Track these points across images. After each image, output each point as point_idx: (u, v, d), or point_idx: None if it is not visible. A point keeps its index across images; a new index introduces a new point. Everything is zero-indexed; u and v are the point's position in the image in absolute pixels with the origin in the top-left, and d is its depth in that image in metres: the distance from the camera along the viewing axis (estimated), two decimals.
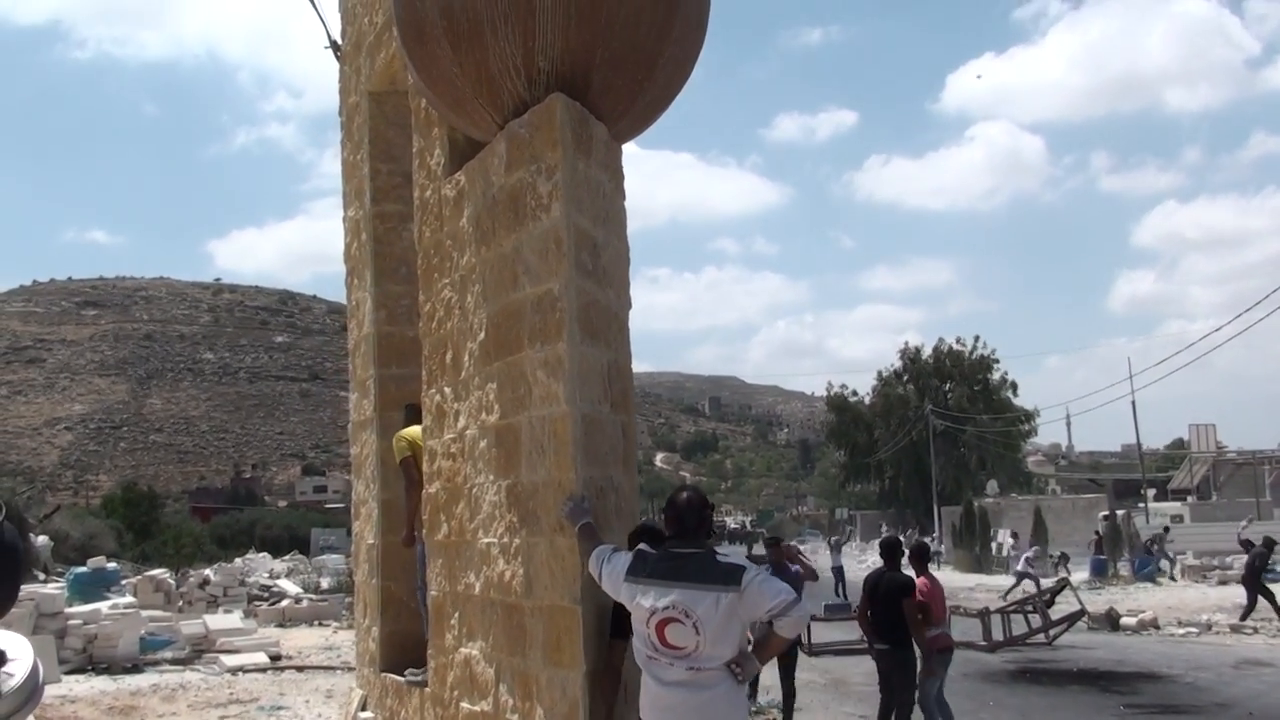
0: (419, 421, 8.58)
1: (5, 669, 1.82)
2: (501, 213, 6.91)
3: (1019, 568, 35.06)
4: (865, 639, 11.90)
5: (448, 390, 7.82)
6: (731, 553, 6.21)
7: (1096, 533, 46.32)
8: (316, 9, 12.20)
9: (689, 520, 5.68)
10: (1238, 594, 32.18)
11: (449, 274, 7.81)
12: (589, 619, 6.03)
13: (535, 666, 6.42)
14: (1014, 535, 52.45)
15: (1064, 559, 42.48)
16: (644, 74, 6.74)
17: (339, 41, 11.85)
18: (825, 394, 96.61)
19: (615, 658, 6.19)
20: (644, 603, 5.45)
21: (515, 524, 6.68)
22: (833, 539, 54.01)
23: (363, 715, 9.93)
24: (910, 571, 11.49)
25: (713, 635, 5.31)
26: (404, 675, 9.08)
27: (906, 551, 13.01)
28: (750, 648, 5.67)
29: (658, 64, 6.76)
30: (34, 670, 1.84)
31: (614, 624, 6.20)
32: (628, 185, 7.20)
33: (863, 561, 62.15)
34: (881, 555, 11.87)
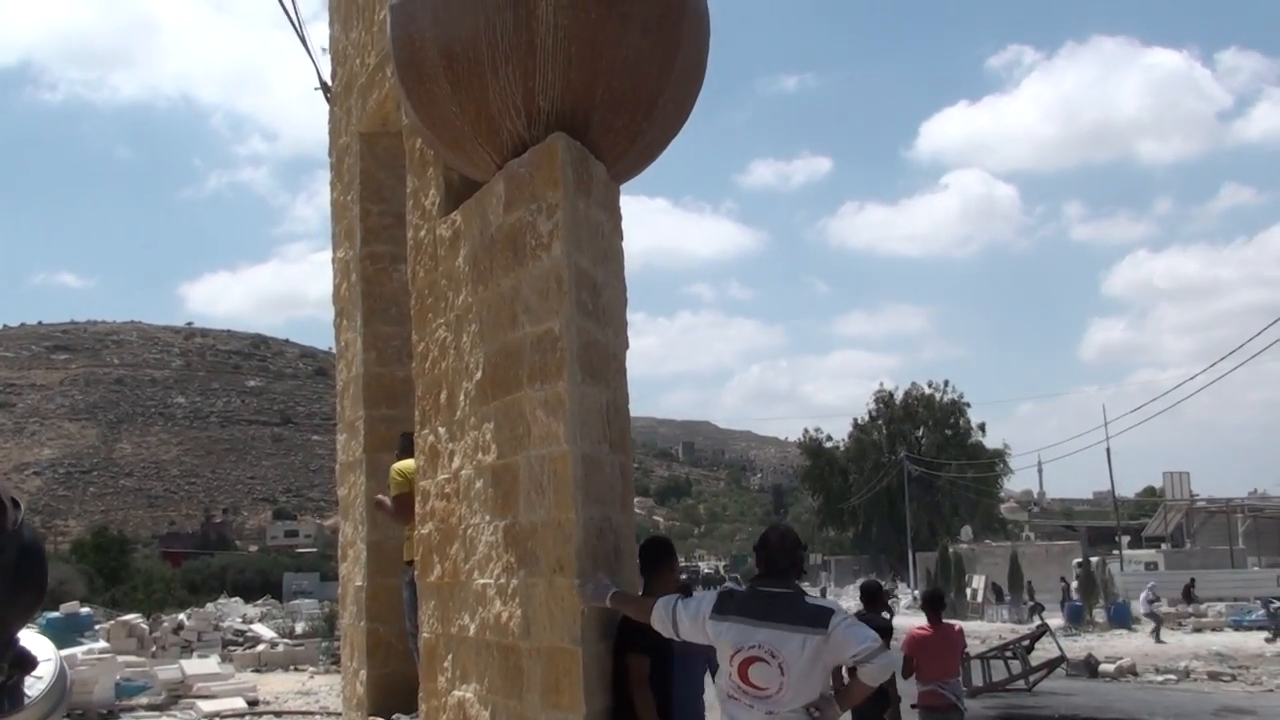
0: (413, 454, 8.51)
1: (35, 673, 1.80)
2: (500, 252, 6.90)
3: (1144, 609, 34.16)
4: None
5: (442, 430, 7.78)
6: (706, 596, 6.18)
7: (1064, 580, 46.46)
8: (308, 50, 12.22)
9: (781, 561, 5.70)
10: (1213, 641, 32.35)
11: (444, 314, 7.78)
12: (590, 661, 5.98)
13: (533, 709, 6.36)
14: (995, 586, 52.43)
15: (1039, 607, 42.53)
16: (643, 115, 6.77)
17: (329, 83, 11.87)
18: (799, 439, 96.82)
19: (636, 670, 6.15)
20: (729, 640, 5.44)
21: (513, 564, 6.63)
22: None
23: None
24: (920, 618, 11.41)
25: (796, 678, 5.32)
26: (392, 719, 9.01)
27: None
28: (833, 693, 5.64)
29: (657, 105, 6.79)
30: (61, 673, 1.82)
31: (628, 638, 6.17)
32: (623, 230, 7.21)
33: None
34: (861, 599, 11.83)
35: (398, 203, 9.35)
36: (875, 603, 11.60)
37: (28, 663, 1.76)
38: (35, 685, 1.73)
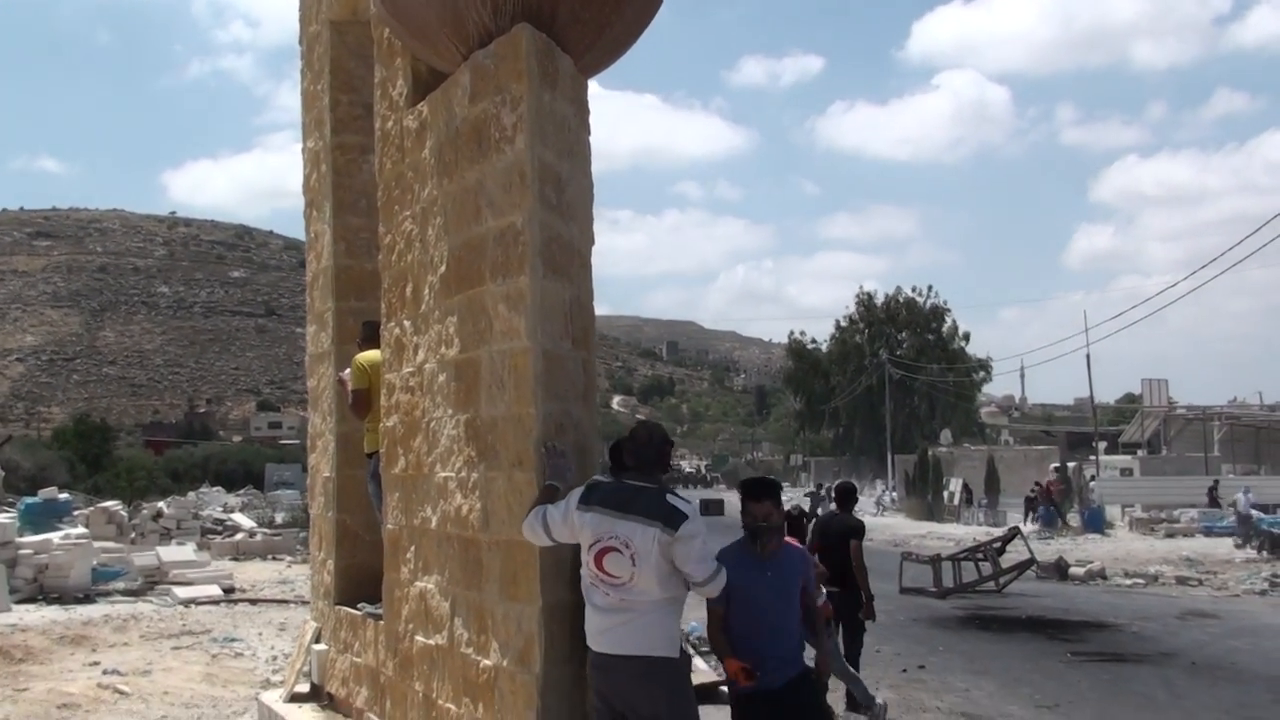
0: (378, 343, 8.49)
1: None
2: (464, 144, 6.82)
3: (1241, 509, 33.81)
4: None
5: (407, 324, 7.75)
6: (689, 496, 6.25)
7: (1036, 484, 46.83)
8: None
9: (647, 454, 5.83)
10: (1184, 546, 32.74)
11: (410, 206, 7.72)
12: (546, 554, 6.01)
13: (491, 600, 6.41)
14: (967, 487, 52.88)
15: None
16: (611, 6, 6.64)
17: None
18: (783, 341, 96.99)
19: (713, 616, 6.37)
20: (590, 530, 5.54)
21: (473, 458, 6.64)
22: (814, 493, 53.71)
23: (316, 648, 9.91)
24: None
25: (649, 569, 5.48)
26: (358, 608, 9.07)
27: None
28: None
29: None
30: None
31: None
32: (591, 125, 7.12)
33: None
34: (835, 498, 12.02)
35: (368, 93, 9.20)
36: (848, 503, 11.82)
37: None
38: None
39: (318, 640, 10.00)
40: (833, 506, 12.68)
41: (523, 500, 6.12)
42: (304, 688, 10.11)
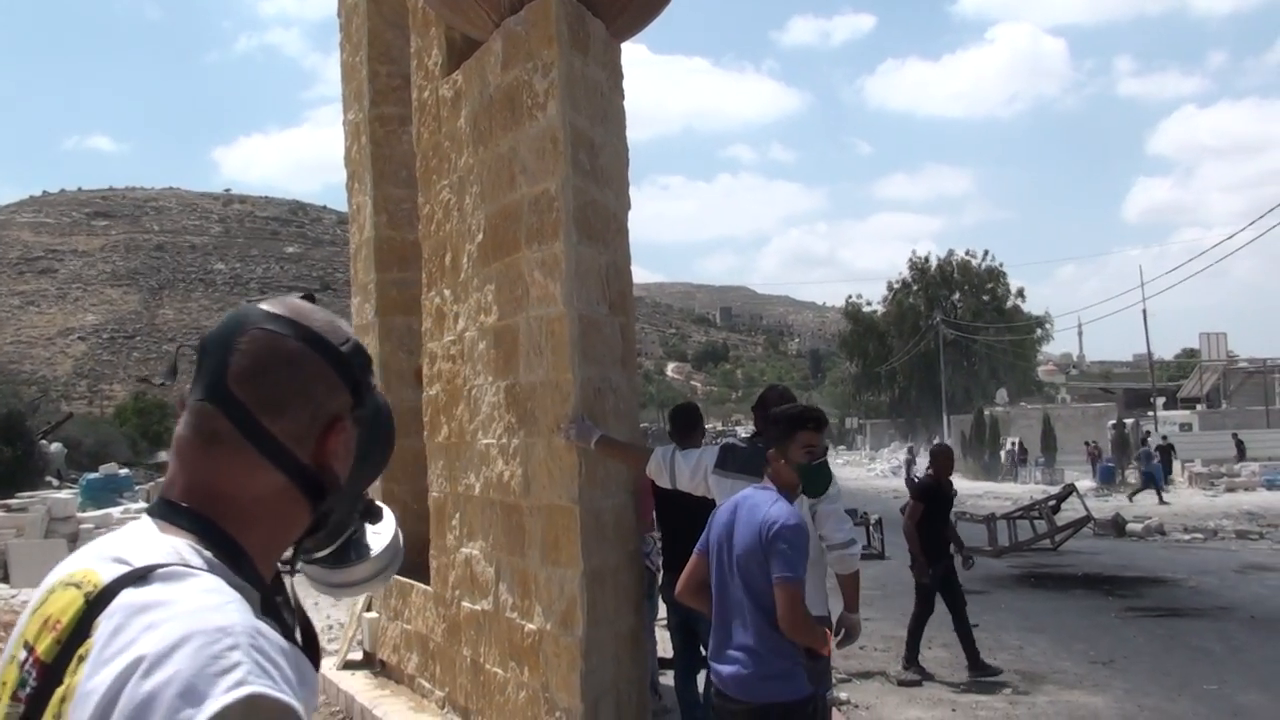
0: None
1: (375, 528, 1.86)
2: (498, 112, 6.84)
3: None
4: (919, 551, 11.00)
5: (447, 293, 7.80)
6: (707, 450, 6.24)
7: (1089, 443, 46.54)
8: None
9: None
10: (1244, 500, 32.40)
11: (447, 175, 7.75)
12: (587, 518, 6.05)
13: (534, 565, 6.46)
14: (1022, 446, 52.47)
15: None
16: None
17: None
18: (838, 304, 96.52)
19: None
20: (733, 496, 5.49)
21: (514, 424, 6.68)
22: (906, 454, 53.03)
23: (368, 616, 10.04)
24: None
25: None
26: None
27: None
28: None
29: None
30: (397, 533, 1.90)
31: None
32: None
33: (871, 469, 62.57)
34: (933, 463, 11.72)
35: (406, 63, 9.24)
36: (949, 468, 11.56)
37: (374, 514, 1.84)
38: (376, 540, 1.80)
39: (369, 608, 10.11)
40: (929, 471, 12.22)
41: (562, 466, 6.16)
42: (356, 655, 10.25)
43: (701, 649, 7.80)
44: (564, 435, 6.08)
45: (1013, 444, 52.61)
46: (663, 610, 8.04)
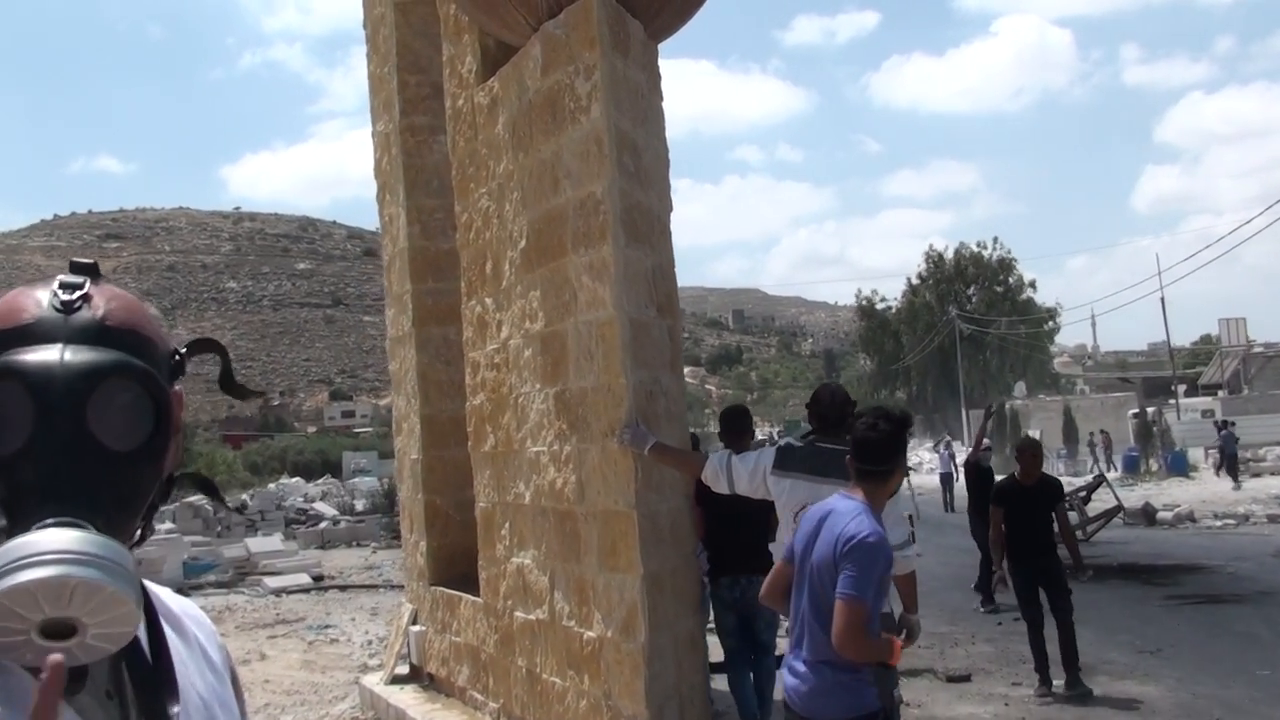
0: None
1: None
2: (539, 117, 6.80)
3: None
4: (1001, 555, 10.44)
5: (489, 301, 7.76)
6: (765, 452, 6.19)
7: (1093, 433, 46.72)
8: None
9: (831, 415, 5.75)
10: (1273, 485, 32.22)
11: (485, 183, 7.71)
12: (644, 523, 6.00)
13: (591, 572, 6.41)
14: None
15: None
16: None
17: None
18: (850, 303, 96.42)
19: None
20: (796, 497, 5.47)
21: (565, 431, 6.64)
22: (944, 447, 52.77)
23: (414, 629, 9.99)
24: None
25: None
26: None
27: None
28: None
29: None
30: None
31: None
32: (663, 90, 7.07)
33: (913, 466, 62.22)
34: (1020, 458, 10.74)
35: (435, 72, 9.22)
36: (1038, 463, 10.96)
37: None
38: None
39: (414, 622, 10.07)
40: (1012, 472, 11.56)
41: (617, 470, 6.11)
42: (403, 669, 10.20)
43: (759, 646, 7.79)
44: (618, 440, 6.04)
45: (1039, 438, 52.44)
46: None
